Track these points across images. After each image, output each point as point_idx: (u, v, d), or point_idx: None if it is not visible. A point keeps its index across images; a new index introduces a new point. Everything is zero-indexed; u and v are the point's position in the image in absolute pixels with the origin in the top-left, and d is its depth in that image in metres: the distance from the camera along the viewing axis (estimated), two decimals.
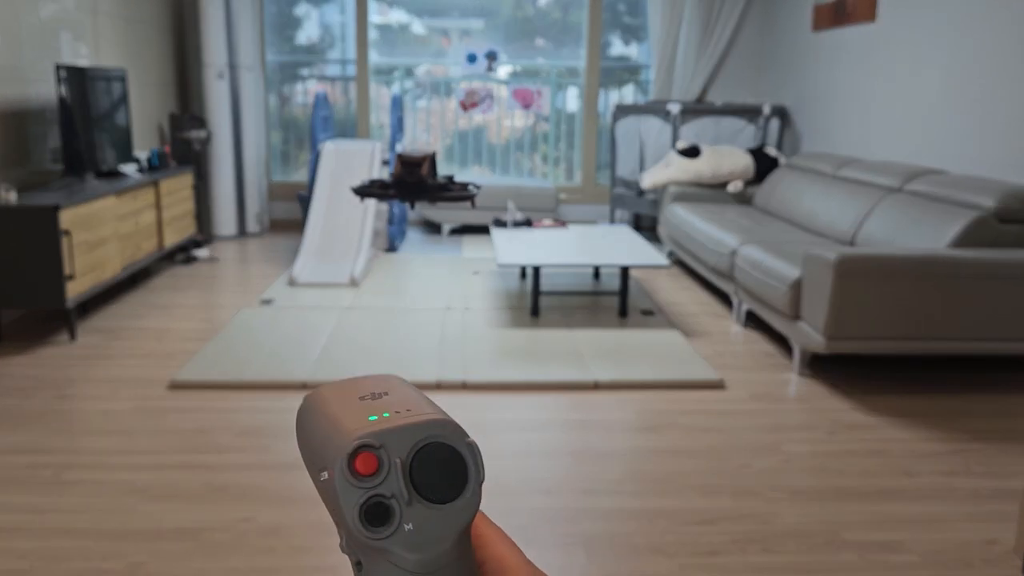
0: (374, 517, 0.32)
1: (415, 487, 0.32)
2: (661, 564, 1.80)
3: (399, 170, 2.93)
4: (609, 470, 2.25)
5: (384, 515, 0.32)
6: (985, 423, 2.62)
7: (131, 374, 2.91)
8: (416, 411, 0.34)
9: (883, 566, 1.80)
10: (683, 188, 4.91)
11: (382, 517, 0.32)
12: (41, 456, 2.26)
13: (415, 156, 2.94)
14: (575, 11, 6.04)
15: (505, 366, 3.00)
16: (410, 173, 2.90)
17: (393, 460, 0.32)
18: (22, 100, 3.63)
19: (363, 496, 0.32)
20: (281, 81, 6.03)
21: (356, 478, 0.32)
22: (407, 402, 0.35)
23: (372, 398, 0.35)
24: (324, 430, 0.34)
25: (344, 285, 4.18)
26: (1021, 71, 3.22)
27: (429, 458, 0.33)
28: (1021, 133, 3.22)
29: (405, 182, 2.91)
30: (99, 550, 1.82)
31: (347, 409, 0.35)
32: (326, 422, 0.34)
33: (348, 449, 0.32)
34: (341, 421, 0.34)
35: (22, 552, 1.81)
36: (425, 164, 2.92)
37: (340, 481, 0.32)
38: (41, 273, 3.09)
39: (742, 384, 2.93)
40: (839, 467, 2.29)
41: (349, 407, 0.35)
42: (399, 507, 0.32)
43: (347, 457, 0.32)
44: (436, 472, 0.33)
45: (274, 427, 2.49)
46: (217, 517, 1.96)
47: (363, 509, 0.32)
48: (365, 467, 0.32)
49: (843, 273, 2.73)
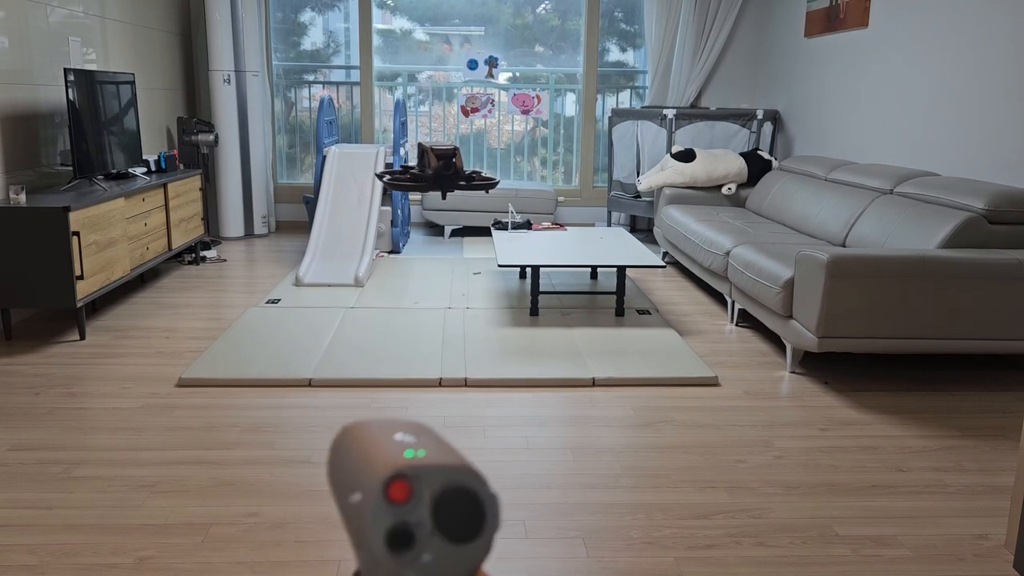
0: (397, 542, 0.34)
1: (438, 523, 0.34)
2: (657, 557, 1.83)
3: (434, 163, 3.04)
4: (607, 465, 2.28)
5: (407, 541, 0.34)
6: (975, 420, 2.65)
7: (140, 372, 2.95)
8: (449, 458, 0.36)
9: (875, 560, 1.83)
10: (678, 191, 4.97)
11: (405, 543, 0.34)
12: (51, 453, 2.29)
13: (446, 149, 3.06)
14: (573, 18, 6.10)
15: (505, 364, 3.05)
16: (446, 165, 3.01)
17: (423, 493, 0.34)
18: (32, 104, 3.69)
19: (391, 520, 0.34)
20: (287, 86, 6.09)
21: (387, 503, 0.34)
22: (441, 448, 0.37)
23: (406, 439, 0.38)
24: (361, 457, 0.37)
25: (349, 285, 4.23)
26: (1011, 75, 3.27)
27: (455, 500, 0.35)
28: (1010, 136, 3.27)
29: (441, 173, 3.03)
30: (108, 545, 1.84)
31: (385, 443, 0.37)
32: (364, 450, 0.37)
33: (386, 475, 0.34)
34: (379, 451, 0.36)
35: (32, 547, 1.82)
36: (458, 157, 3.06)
37: (372, 503, 0.34)
38: (51, 273, 3.15)
39: (736, 381, 2.97)
40: (832, 463, 2.32)
41: (386, 442, 0.37)
42: (422, 537, 0.34)
43: (384, 481, 0.34)
44: (459, 513, 0.35)
45: (280, 424, 2.53)
46: (224, 512, 1.98)
47: (389, 532, 0.34)
48: (398, 494, 0.34)
49: (835, 273, 2.78)
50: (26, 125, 3.63)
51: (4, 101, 3.46)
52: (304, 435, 2.45)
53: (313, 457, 2.31)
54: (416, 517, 0.34)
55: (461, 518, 0.34)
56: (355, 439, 0.38)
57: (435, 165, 2.99)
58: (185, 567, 1.77)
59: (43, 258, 3.14)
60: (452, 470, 0.35)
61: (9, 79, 3.51)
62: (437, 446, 0.37)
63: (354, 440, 0.38)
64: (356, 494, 0.35)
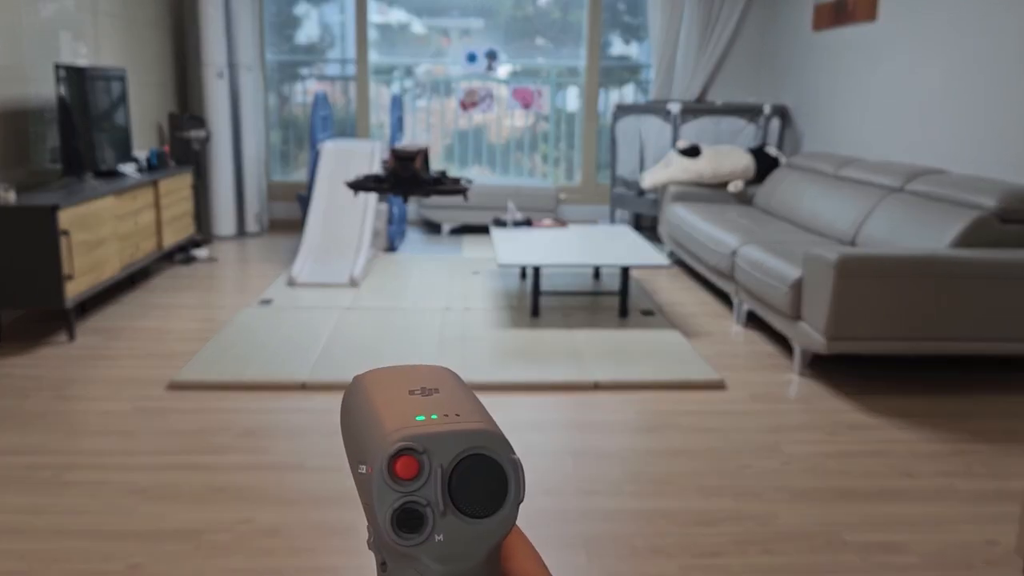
0: (406, 523, 0.31)
1: (452, 498, 0.31)
2: (662, 565, 1.80)
3: (393, 164, 2.93)
4: (609, 470, 2.24)
5: (416, 522, 0.31)
6: (987, 424, 2.62)
7: (130, 374, 2.91)
8: (465, 417, 0.32)
9: (884, 567, 1.80)
10: (683, 188, 4.91)
11: (414, 524, 0.31)
12: (40, 456, 2.26)
13: (409, 150, 2.93)
14: (575, 10, 6.03)
15: (505, 366, 3.00)
16: (404, 167, 2.89)
17: (434, 467, 0.31)
18: (21, 100, 3.63)
19: (398, 500, 0.31)
20: (280, 81, 6.03)
21: (394, 481, 0.31)
22: (457, 404, 0.33)
23: (422, 393, 0.34)
24: (368, 421, 0.33)
25: (344, 285, 4.18)
26: (1022, 70, 3.21)
27: (471, 470, 0.31)
28: (1021, 132, 3.21)
29: (399, 176, 2.90)
30: (98, 551, 1.82)
31: (395, 402, 0.33)
32: (371, 412, 0.33)
33: (390, 450, 0.31)
34: (387, 415, 0.33)
35: (21, 553, 1.81)
36: (418, 158, 2.92)
37: (378, 481, 0.31)
38: (40, 273, 3.09)
39: (743, 384, 2.93)
40: (840, 468, 2.29)
41: (397, 400, 0.34)
42: (432, 516, 0.31)
43: (388, 458, 0.31)
44: (476, 485, 0.32)
45: (274, 428, 2.49)
46: (216, 518, 1.96)
47: (396, 513, 0.31)
48: (405, 471, 0.31)
49: (844, 273, 2.73)
50: (15, 122, 3.57)
51: None
52: (298, 439, 2.41)
53: (307, 462, 2.27)
54: (426, 495, 0.31)
55: (479, 490, 0.32)
56: (363, 395, 0.35)
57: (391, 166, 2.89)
58: (177, 574, 1.74)
59: (32, 258, 3.08)
60: (466, 436, 0.31)
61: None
62: (454, 403, 0.33)
63: (362, 396, 0.35)
64: (362, 466, 0.32)
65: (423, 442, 0.31)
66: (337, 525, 1.95)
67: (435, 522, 0.31)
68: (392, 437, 0.31)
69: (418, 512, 0.31)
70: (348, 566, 1.79)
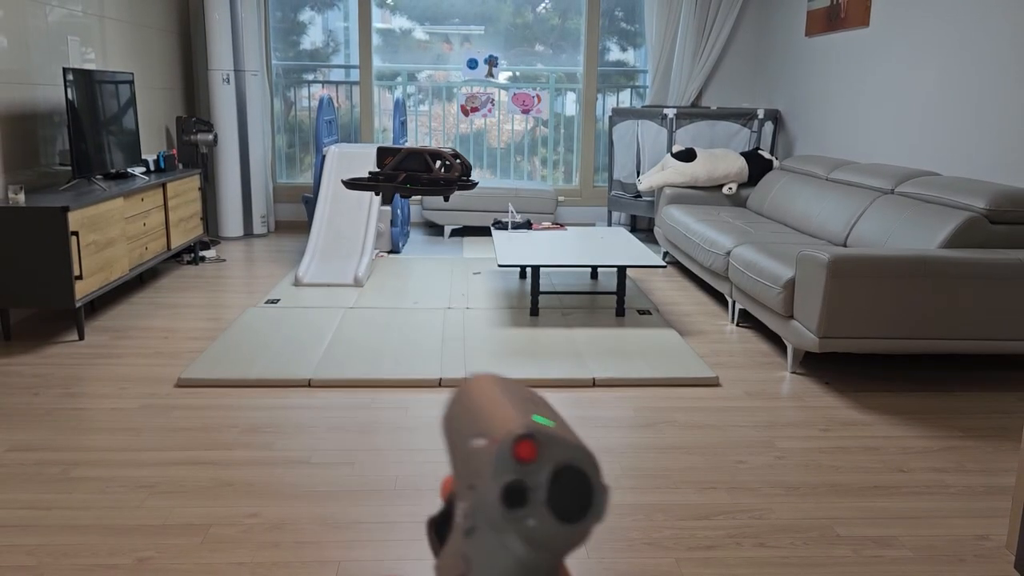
0: (512, 498, 0.34)
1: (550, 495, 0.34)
2: (658, 558, 1.83)
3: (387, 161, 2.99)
4: (607, 466, 2.27)
5: (520, 501, 0.34)
6: (977, 421, 2.65)
7: (138, 373, 2.95)
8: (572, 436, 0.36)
9: (876, 561, 1.83)
10: (679, 190, 4.96)
11: (518, 501, 0.34)
12: (49, 453, 2.28)
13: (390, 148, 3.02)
14: (574, 17, 6.09)
15: (505, 364, 3.04)
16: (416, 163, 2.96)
17: (546, 461, 0.34)
18: (31, 103, 3.68)
19: (512, 475, 0.34)
20: (286, 85, 6.08)
21: (513, 458, 0.34)
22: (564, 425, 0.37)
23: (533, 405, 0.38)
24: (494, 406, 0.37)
25: (348, 285, 4.23)
26: (1012, 75, 3.26)
27: (569, 479, 0.35)
28: (1012, 136, 3.26)
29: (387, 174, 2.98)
30: (106, 546, 1.83)
31: (518, 400, 0.37)
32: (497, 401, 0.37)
33: (520, 430, 0.34)
34: (512, 406, 0.36)
35: (30, 548, 1.82)
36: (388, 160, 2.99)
37: (501, 453, 0.34)
38: (50, 273, 3.14)
39: (737, 382, 2.96)
40: (833, 463, 2.31)
41: (520, 400, 0.38)
42: (533, 501, 0.34)
43: (516, 436, 0.34)
44: (571, 493, 0.34)
45: (279, 424, 2.52)
46: (223, 513, 1.98)
47: (507, 487, 0.34)
48: (525, 453, 0.34)
49: (836, 273, 2.77)
50: (25, 125, 3.63)
51: (3, 101, 3.46)
52: (303, 435, 2.44)
53: (312, 458, 2.30)
54: (534, 481, 0.34)
55: (571, 498, 0.34)
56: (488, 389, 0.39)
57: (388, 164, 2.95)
58: (184, 568, 1.76)
59: (42, 258, 3.13)
60: (575, 449, 0.35)
61: (8, 78, 3.50)
62: (561, 422, 0.38)
63: (486, 390, 0.39)
64: (481, 439, 0.35)
65: (544, 436, 0.35)
66: (342, 519, 1.97)
67: (534, 507, 0.34)
68: (521, 421, 0.35)
69: (524, 492, 0.34)
70: (353, 560, 1.81)
